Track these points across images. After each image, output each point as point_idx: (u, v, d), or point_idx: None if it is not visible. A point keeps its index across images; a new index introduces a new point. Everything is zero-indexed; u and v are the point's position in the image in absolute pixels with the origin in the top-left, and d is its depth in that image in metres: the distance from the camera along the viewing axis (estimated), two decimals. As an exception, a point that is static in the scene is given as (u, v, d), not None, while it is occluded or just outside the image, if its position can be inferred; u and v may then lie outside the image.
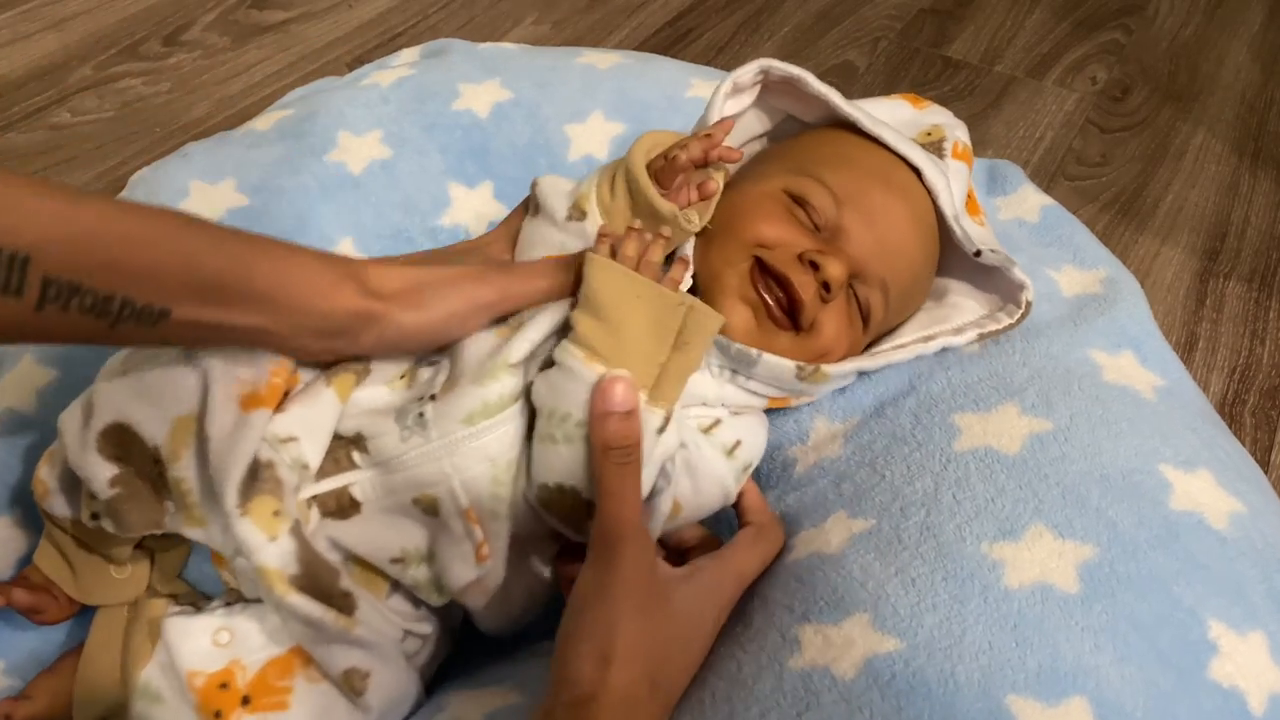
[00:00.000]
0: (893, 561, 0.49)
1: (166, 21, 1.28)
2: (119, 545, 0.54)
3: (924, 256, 0.58)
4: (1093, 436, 0.53)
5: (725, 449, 0.54)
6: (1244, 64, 1.33)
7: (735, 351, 0.53)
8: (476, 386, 0.49)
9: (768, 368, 0.53)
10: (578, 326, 0.49)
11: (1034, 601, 0.45)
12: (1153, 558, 0.47)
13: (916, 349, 0.57)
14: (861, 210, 0.54)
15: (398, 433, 0.50)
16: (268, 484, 0.48)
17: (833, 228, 0.54)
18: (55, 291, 0.37)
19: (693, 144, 0.54)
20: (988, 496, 0.51)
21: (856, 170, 0.56)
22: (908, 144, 0.58)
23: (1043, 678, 0.42)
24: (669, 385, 0.49)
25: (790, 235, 0.53)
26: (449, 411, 0.49)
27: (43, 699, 0.55)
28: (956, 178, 0.59)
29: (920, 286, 0.60)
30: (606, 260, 0.49)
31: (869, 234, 0.54)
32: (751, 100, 0.62)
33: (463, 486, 0.49)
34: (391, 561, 0.52)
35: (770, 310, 0.53)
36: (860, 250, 0.54)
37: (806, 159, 0.57)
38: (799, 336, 0.53)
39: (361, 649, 0.50)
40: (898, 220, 0.55)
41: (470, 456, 0.49)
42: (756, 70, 0.59)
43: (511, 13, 1.37)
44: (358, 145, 0.76)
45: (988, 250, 0.56)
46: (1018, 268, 0.56)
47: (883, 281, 0.55)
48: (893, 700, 0.42)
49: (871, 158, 0.57)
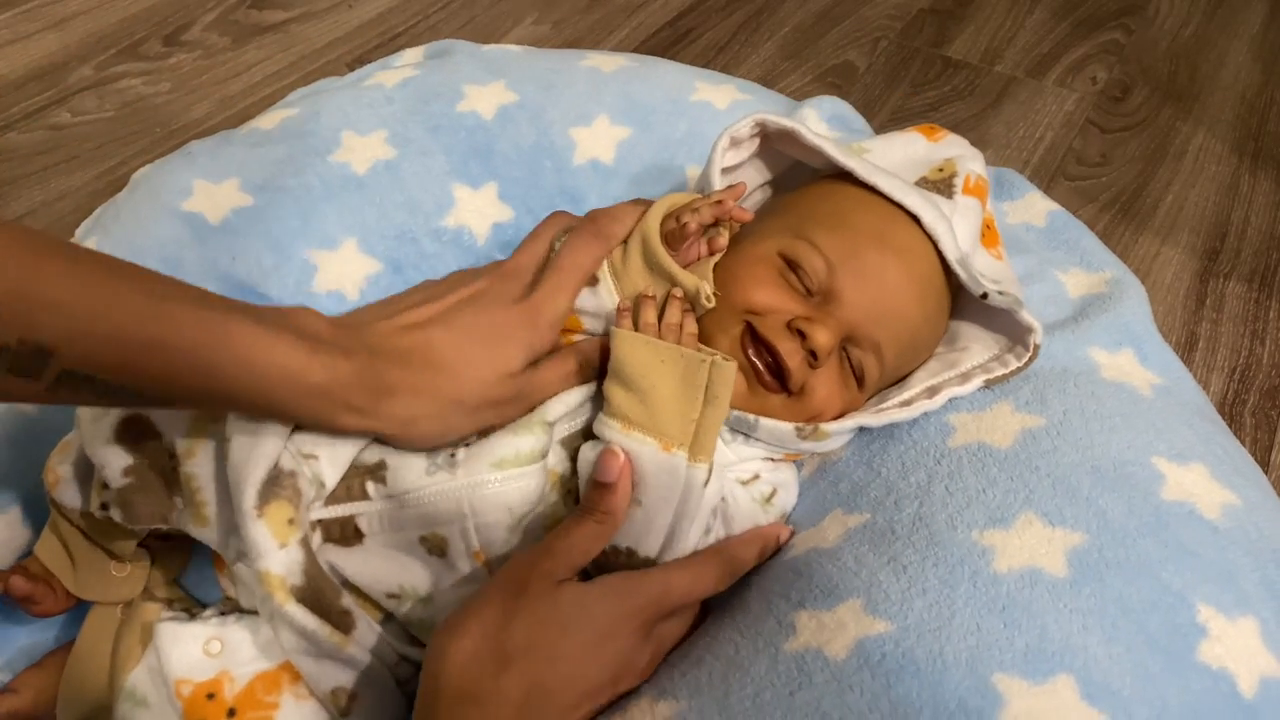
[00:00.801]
0: (885, 551, 0.49)
1: (166, 21, 1.28)
2: (123, 539, 0.54)
3: (923, 315, 0.57)
4: (1086, 430, 0.54)
5: (763, 498, 0.55)
6: (1244, 64, 1.34)
7: (734, 418, 0.54)
8: (512, 435, 0.51)
9: (768, 430, 0.54)
10: (611, 399, 0.50)
11: (1023, 585, 0.46)
12: (1142, 544, 0.48)
13: (922, 405, 0.56)
14: (854, 273, 0.54)
15: (424, 466, 0.50)
16: (287, 491, 0.48)
17: (825, 291, 0.54)
18: (71, 381, 0.39)
19: (704, 209, 0.55)
20: (979, 488, 0.51)
21: (852, 231, 0.55)
22: (906, 191, 0.57)
23: (1030, 657, 0.43)
24: (705, 439, 0.49)
25: (780, 301, 0.54)
26: (481, 454, 0.50)
27: (28, 694, 0.55)
28: (966, 216, 0.59)
29: (922, 343, 0.59)
30: (628, 333, 0.50)
31: (862, 297, 0.54)
32: (753, 150, 0.62)
33: (477, 530, 0.50)
34: (388, 596, 0.52)
35: (760, 374, 0.53)
36: (852, 314, 0.54)
37: (802, 218, 0.57)
38: (790, 399, 0.54)
39: (352, 669, 0.50)
40: (892, 281, 0.55)
41: (490, 501, 0.49)
42: (752, 124, 0.59)
43: (511, 13, 1.37)
44: (362, 145, 0.76)
45: (995, 292, 0.55)
46: (1026, 310, 0.56)
47: (876, 344, 0.55)
48: (882, 679, 0.43)
49: (868, 214, 0.56)
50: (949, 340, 0.61)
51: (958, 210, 0.58)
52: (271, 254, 0.69)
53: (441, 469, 0.50)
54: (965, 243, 0.57)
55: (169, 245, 0.68)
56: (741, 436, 0.55)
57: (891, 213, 0.56)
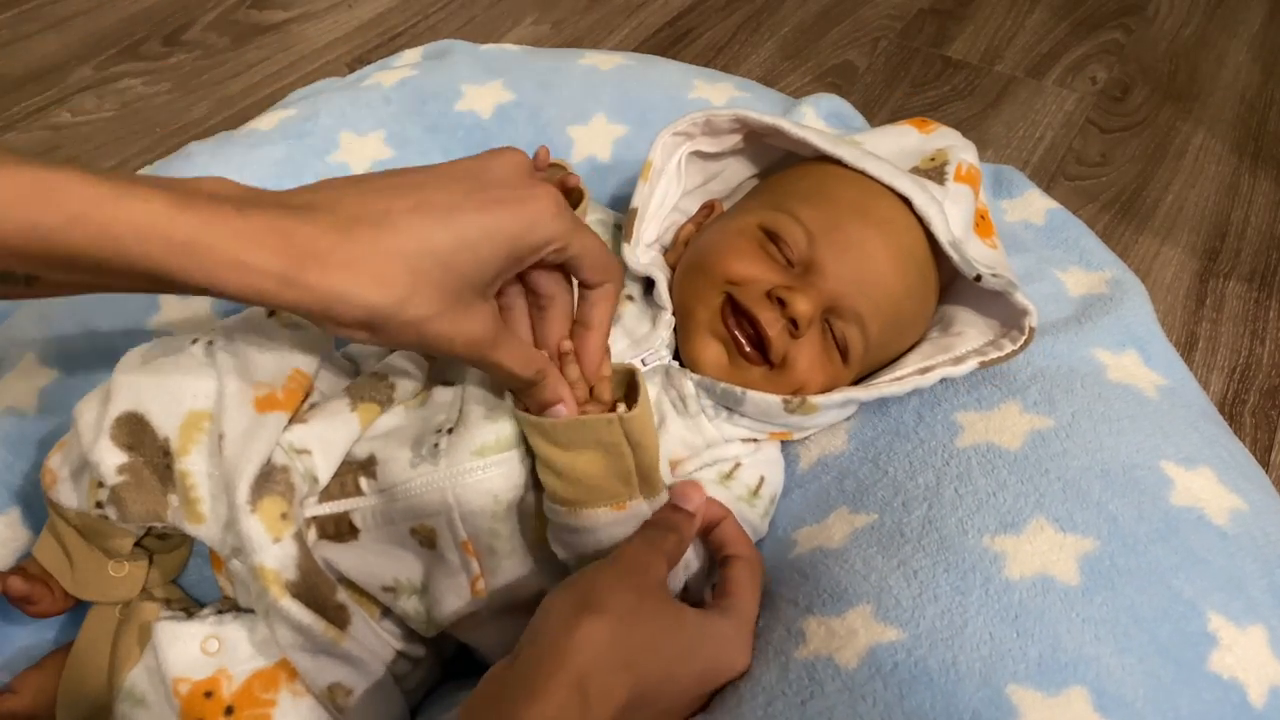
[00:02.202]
0: (895, 554, 0.49)
1: (166, 21, 1.28)
2: (121, 539, 0.54)
3: (906, 289, 0.56)
4: (1095, 433, 0.54)
5: (749, 491, 0.54)
6: (1244, 64, 1.34)
7: (721, 391, 0.53)
8: (490, 422, 0.50)
9: (754, 404, 0.53)
10: (548, 487, 0.48)
11: (1035, 593, 0.45)
12: (1153, 551, 0.47)
13: (913, 381, 0.56)
14: (835, 244, 0.54)
15: (408, 459, 0.50)
16: (279, 486, 0.48)
17: (805, 263, 0.54)
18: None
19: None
20: (989, 491, 0.51)
21: (833, 204, 0.55)
22: (896, 174, 0.57)
23: (1043, 668, 0.43)
24: (651, 476, 0.48)
25: (760, 272, 0.53)
26: (462, 443, 0.49)
27: (27, 694, 0.55)
28: (958, 202, 0.58)
29: (909, 318, 0.59)
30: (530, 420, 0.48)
31: (843, 268, 0.54)
32: (734, 143, 0.62)
33: (463, 519, 0.49)
34: (384, 590, 0.52)
35: (740, 346, 0.53)
36: (834, 285, 0.53)
37: (785, 194, 0.57)
38: (771, 372, 0.54)
39: (348, 664, 0.50)
40: (874, 253, 0.54)
41: (474, 489, 0.49)
42: (732, 118, 0.59)
43: (511, 13, 1.37)
44: (360, 145, 0.76)
45: (989, 274, 0.55)
46: (1021, 293, 0.55)
47: (859, 315, 0.54)
48: (895, 689, 0.43)
49: (852, 190, 0.56)
50: (944, 325, 0.61)
51: (949, 195, 0.58)
52: (271, 254, 0.69)
53: (425, 460, 0.50)
54: (957, 227, 0.57)
55: (168, 246, 0.68)
56: (725, 412, 0.54)
57: (874, 188, 0.56)
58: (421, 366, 0.55)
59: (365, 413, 0.53)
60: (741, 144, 0.63)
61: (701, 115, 0.59)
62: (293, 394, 0.51)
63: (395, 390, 0.54)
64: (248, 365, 0.50)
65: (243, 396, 0.49)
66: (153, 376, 0.50)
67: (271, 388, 0.50)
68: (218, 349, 0.51)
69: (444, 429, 0.51)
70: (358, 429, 0.52)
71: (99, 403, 0.51)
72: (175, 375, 0.50)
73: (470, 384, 0.52)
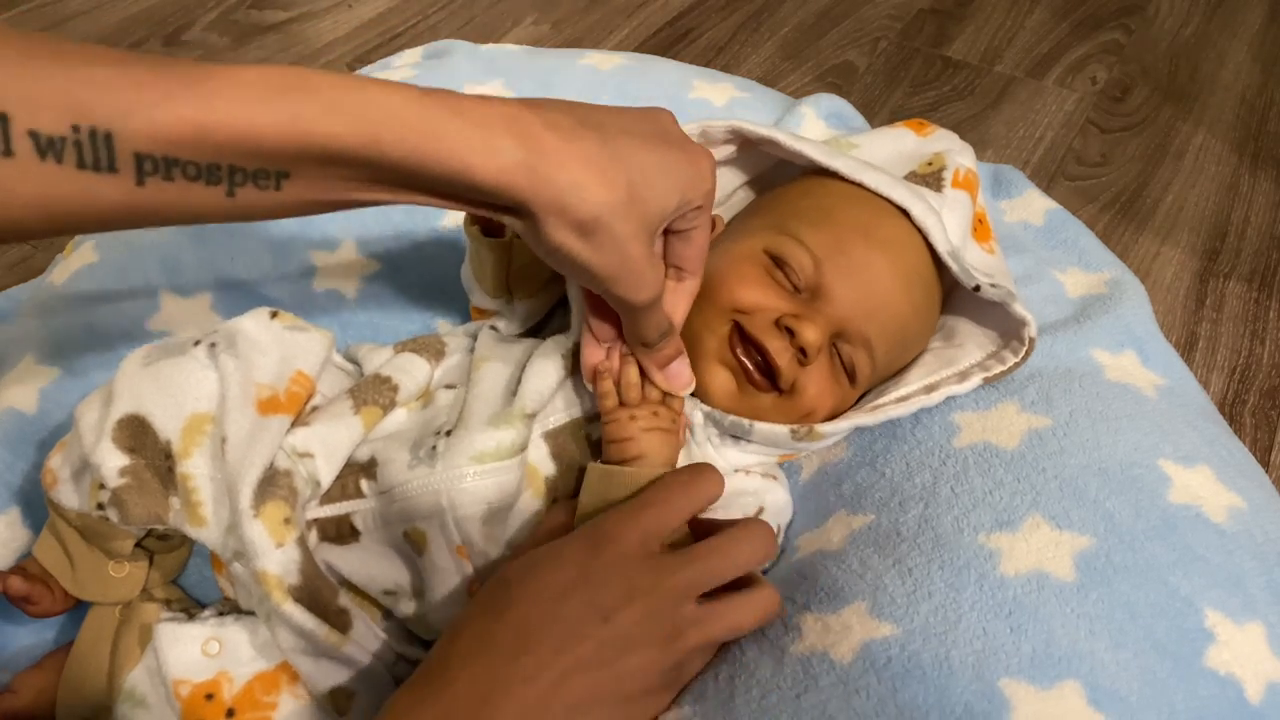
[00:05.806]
0: (891, 553, 0.49)
1: (166, 21, 1.28)
2: (121, 540, 0.54)
3: (913, 308, 0.56)
4: (1092, 432, 0.54)
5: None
6: (1244, 64, 1.34)
7: (730, 424, 0.53)
8: (493, 429, 0.50)
9: (762, 434, 0.53)
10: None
11: (1030, 589, 0.46)
12: (1150, 548, 0.47)
13: (919, 401, 0.55)
14: (841, 269, 0.53)
15: (407, 461, 0.50)
16: (282, 490, 0.48)
17: (812, 288, 0.54)
18: (155, 169, 0.33)
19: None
20: (985, 489, 0.51)
21: (836, 226, 0.55)
22: (894, 185, 0.56)
23: (1036, 662, 0.43)
24: None
25: (767, 299, 0.53)
26: (459, 447, 0.49)
27: (27, 694, 0.55)
28: (955, 209, 0.58)
29: (913, 336, 0.58)
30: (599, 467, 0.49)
31: (850, 293, 0.53)
32: (729, 153, 0.62)
33: (456, 524, 0.49)
34: (385, 593, 0.52)
35: (749, 374, 0.53)
36: (841, 310, 0.53)
37: (787, 215, 0.56)
38: (781, 398, 0.53)
39: (350, 668, 0.50)
40: (880, 275, 0.54)
41: (468, 495, 0.49)
42: (727, 129, 0.58)
43: (511, 13, 1.37)
44: (360, 145, 0.76)
45: (987, 285, 0.55)
46: (1019, 303, 0.55)
47: (866, 339, 0.54)
48: (888, 682, 0.43)
49: (854, 209, 0.56)
50: (945, 336, 0.61)
51: (946, 203, 0.58)
52: (271, 254, 0.69)
53: (422, 463, 0.50)
54: (955, 236, 0.57)
55: (168, 245, 0.68)
56: (732, 440, 0.55)
57: (877, 206, 0.56)
58: (423, 369, 0.55)
59: (368, 415, 0.53)
60: (735, 154, 0.62)
61: (696, 126, 0.58)
62: (295, 396, 0.51)
63: (398, 392, 0.54)
64: (250, 367, 0.50)
65: (245, 399, 0.49)
66: (155, 378, 0.50)
67: (274, 390, 0.50)
68: (220, 351, 0.51)
69: (443, 431, 0.51)
70: (360, 431, 0.52)
71: (101, 404, 0.51)
72: (177, 377, 0.50)
73: (473, 387, 0.52)
